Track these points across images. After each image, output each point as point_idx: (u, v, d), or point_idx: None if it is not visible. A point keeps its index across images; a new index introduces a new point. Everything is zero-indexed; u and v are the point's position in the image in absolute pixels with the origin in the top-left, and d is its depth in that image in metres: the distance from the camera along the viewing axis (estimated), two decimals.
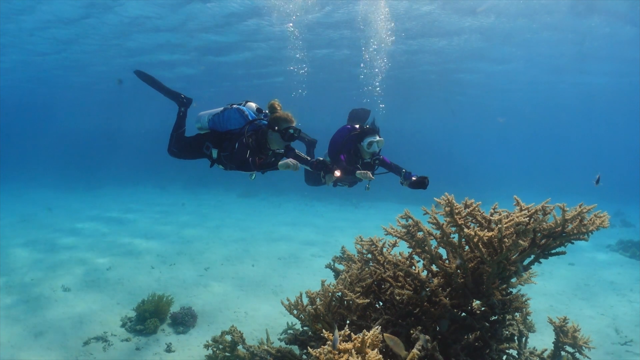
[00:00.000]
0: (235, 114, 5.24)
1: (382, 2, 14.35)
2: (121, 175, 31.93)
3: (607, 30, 16.43)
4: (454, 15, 15.73)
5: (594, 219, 2.63)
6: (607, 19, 15.32)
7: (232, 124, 5.23)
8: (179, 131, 5.66)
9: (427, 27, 16.96)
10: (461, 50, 20.20)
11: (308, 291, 3.00)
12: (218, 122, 5.33)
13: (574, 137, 61.41)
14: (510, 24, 16.40)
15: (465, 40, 18.73)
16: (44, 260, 10.04)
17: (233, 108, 5.30)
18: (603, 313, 8.24)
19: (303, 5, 14.90)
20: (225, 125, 5.27)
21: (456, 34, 17.94)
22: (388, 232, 3.22)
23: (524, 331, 3.89)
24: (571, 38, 17.75)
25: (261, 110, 5.43)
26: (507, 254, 2.62)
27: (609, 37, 17.09)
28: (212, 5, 15.17)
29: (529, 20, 15.94)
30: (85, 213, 17.24)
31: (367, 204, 22.01)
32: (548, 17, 15.46)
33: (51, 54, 22.06)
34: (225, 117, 5.27)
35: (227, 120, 5.26)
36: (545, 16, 15.34)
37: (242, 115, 5.22)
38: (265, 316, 7.40)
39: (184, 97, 5.77)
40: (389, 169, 6.23)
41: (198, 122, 5.57)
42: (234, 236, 13.29)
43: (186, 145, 5.59)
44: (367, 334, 2.06)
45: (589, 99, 30.60)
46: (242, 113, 5.23)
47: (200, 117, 5.55)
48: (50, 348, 6.15)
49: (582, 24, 15.95)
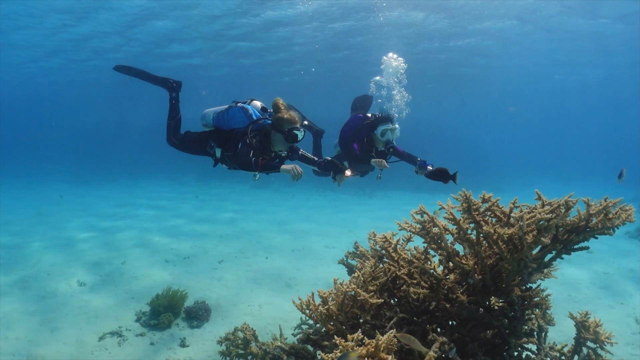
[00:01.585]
0: (239, 113, 5.13)
1: None
2: (134, 168, 32.17)
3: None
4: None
5: (620, 212, 2.50)
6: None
7: (237, 122, 5.12)
8: (176, 118, 5.51)
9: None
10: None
11: (320, 290, 2.92)
12: (222, 120, 5.23)
13: (589, 122, 60.38)
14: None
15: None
16: (59, 255, 10.13)
17: (237, 106, 5.20)
18: (623, 302, 8.05)
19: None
20: (230, 123, 5.17)
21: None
22: (402, 227, 3.12)
23: (544, 325, 3.77)
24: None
25: (266, 109, 5.31)
26: (528, 252, 2.51)
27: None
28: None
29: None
30: (98, 206, 17.40)
31: (381, 193, 21.86)
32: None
33: (60, 45, 22.22)
34: (229, 115, 5.18)
35: (232, 118, 5.15)
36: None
37: (246, 114, 5.11)
38: (279, 309, 7.37)
39: (173, 81, 5.61)
40: (402, 157, 6.11)
41: (203, 119, 5.48)
42: (247, 228, 13.28)
43: (191, 141, 5.49)
44: (381, 338, 1.97)
45: (607, 82, 30.01)
46: (247, 112, 5.12)
47: (205, 114, 5.46)
48: (67, 343, 6.19)
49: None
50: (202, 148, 5.41)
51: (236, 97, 5.77)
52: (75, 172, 30.45)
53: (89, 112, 54.29)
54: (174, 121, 5.54)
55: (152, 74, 5.67)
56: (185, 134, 5.55)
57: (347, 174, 5.08)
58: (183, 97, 5.69)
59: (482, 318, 2.97)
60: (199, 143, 5.42)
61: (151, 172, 29.68)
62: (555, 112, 50.71)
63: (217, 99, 5.76)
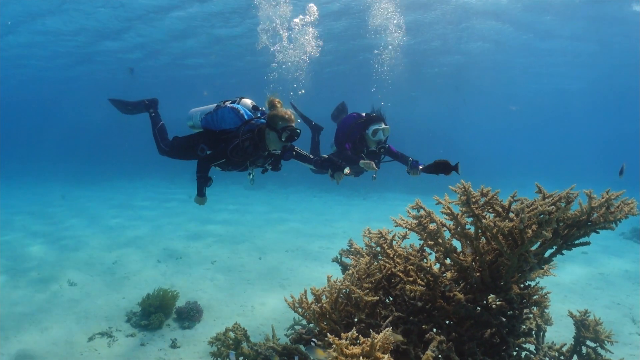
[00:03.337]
0: (229, 113, 4.93)
1: None
2: (128, 168, 31.95)
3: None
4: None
5: (622, 206, 2.42)
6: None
7: (227, 123, 4.94)
8: (158, 126, 5.44)
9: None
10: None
11: (313, 288, 2.82)
12: (212, 121, 5.04)
13: (584, 123, 60.67)
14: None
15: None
16: (50, 254, 9.98)
17: (227, 107, 4.98)
18: (619, 302, 8.01)
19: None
20: (220, 124, 4.99)
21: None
22: (398, 224, 3.03)
23: (542, 325, 3.70)
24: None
25: (257, 108, 5.12)
26: (528, 246, 2.42)
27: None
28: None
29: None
30: (90, 206, 17.23)
31: (376, 195, 21.78)
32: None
33: (58, 45, 22.02)
34: (219, 116, 4.98)
35: (222, 119, 4.96)
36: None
37: (237, 115, 4.91)
38: (272, 310, 7.26)
39: (147, 101, 5.62)
40: (395, 157, 6.03)
41: (190, 119, 5.30)
42: (240, 228, 13.16)
43: (180, 146, 5.33)
44: (376, 336, 1.87)
45: (604, 82, 30.10)
46: (237, 112, 4.92)
47: (192, 114, 5.28)
48: (56, 343, 6.06)
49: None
50: (192, 152, 5.24)
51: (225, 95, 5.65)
52: (69, 172, 30.21)
53: (82, 112, 53.91)
54: (157, 128, 5.46)
55: (131, 103, 5.73)
56: (174, 140, 5.41)
57: (346, 172, 4.97)
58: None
59: (480, 317, 2.88)
60: (189, 147, 5.24)
61: (146, 173, 29.44)
62: (552, 114, 50.86)
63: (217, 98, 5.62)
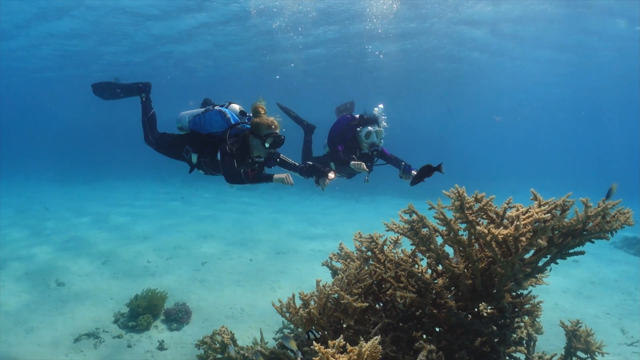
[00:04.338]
0: (216, 116, 4.95)
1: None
2: (120, 169, 31.74)
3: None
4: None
5: (618, 215, 2.38)
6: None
7: (214, 126, 4.96)
8: (149, 114, 5.44)
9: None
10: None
11: (301, 293, 2.76)
12: (199, 123, 5.06)
13: (574, 133, 61.17)
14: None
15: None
16: (38, 255, 9.83)
17: (214, 110, 5.01)
18: (609, 312, 8.00)
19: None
20: (207, 127, 5.01)
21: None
22: (390, 228, 2.97)
23: (533, 334, 3.66)
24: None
25: (245, 113, 5.14)
26: (522, 254, 2.37)
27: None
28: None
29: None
30: (79, 206, 17.07)
31: (369, 198, 21.75)
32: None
33: (49, 47, 21.84)
34: (206, 118, 5.00)
35: (209, 122, 4.98)
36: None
37: (224, 118, 4.93)
38: (262, 313, 7.17)
39: (141, 84, 5.57)
40: (388, 161, 6.00)
41: (179, 122, 5.31)
42: (232, 230, 13.05)
43: (166, 143, 5.36)
44: (364, 345, 1.81)
45: (592, 94, 30.34)
46: (224, 116, 4.94)
47: (181, 117, 5.29)
48: (41, 344, 5.96)
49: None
50: (177, 152, 5.29)
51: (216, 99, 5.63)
52: (59, 172, 29.94)
53: (72, 111, 53.48)
54: (148, 117, 5.46)
55: (123, 85, 5.65)
56: (162, 135, 5.44)
57: (330, 177, 4.92)
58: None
59: (471, 325, 2.83)
60: (175, 147, 5.29)
61: (137, 173, 29.28)
62: (548, 119, 51.11)
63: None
